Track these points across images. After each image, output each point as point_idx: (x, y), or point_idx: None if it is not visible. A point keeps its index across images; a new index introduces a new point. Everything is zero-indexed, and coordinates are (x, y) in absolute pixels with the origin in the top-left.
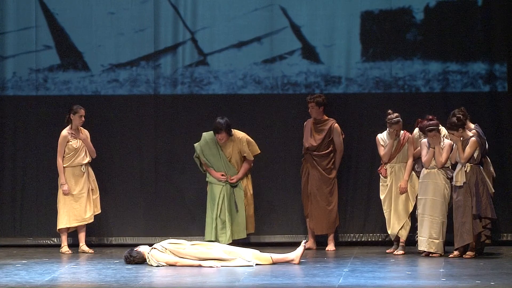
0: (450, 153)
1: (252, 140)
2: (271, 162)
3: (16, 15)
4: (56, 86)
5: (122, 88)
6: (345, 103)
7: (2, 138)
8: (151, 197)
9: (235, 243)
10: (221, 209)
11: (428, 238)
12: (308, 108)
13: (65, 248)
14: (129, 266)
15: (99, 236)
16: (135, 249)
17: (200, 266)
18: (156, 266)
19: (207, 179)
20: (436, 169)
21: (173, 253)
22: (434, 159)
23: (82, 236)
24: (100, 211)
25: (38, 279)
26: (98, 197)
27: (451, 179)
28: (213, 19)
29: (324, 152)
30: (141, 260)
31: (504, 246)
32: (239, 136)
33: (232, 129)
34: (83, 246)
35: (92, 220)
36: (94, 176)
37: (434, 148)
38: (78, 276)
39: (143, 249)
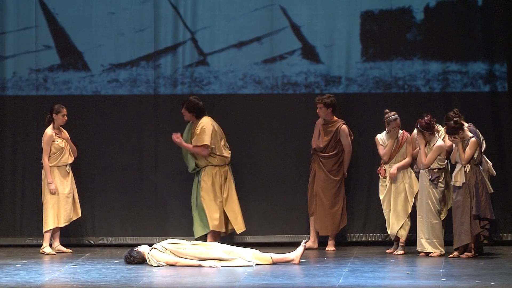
0: (438, 155)
1: (207, 129)
2: (271, 162)
3: (16, 15)
4: (56, 86)
5: (122, 88)
6: (345, 103)
7: (2, 138)
8: (151, 196)
9: (236, 243)
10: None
11: (420, 238)
12: (317, 109)
13: (48, 249)
14: (129, 266)
15: (99, 236)
16: (135, 249)
17: (200, 266)
18: (156, 266)
19: None
20: (424, 169)
21: (173, 253)
22: None
23: (57, 236)
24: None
25: (38, 279)
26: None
27: (431, 180)
28: (213, 19)
29: (330, 153)
30: (141, 260)
31: (504, 246)
32: (201, 121)
33: (202, 115)
34: (58, 246)
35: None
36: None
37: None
38: (78, 276)
39: (143, 249)
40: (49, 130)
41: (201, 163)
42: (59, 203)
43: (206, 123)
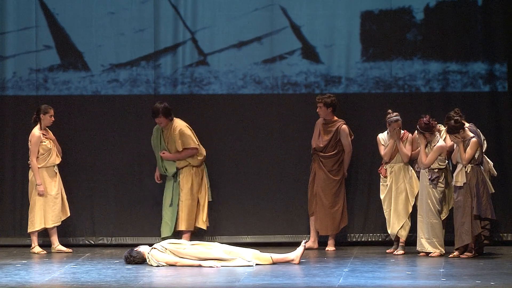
0: (439, 155)
1: (187, 132)
2: (271, 162)
3: (16, 15)
4: (56, 86)
5: (122, 88)
6: (345, 103)
7: (2, 138)
8: (151, 196)
9: (236, 243)
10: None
11: (420, 238)
12: (317, 108)
13: (37, 248)
14: (129, 266)
15: (99, 236)
16: (135, 249)
17: (200, 266)
18: (156, 266)
19: None
20: (424, 169)
21: (173, 253)
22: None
23: (55, 236)
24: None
25: (38, 279)
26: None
27: (431, 180)
28: (213, 19)
29: (330, 153)
30: (141, 260)
31: (504, 246)
32: (175, 125)
33: (173, 117)
34: (58, 246)
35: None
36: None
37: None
38: (78, 276)
39: (143, 249)
40: (36, 131)
41: (181, 164)
42: (47, 204)
43: (183, 126)
